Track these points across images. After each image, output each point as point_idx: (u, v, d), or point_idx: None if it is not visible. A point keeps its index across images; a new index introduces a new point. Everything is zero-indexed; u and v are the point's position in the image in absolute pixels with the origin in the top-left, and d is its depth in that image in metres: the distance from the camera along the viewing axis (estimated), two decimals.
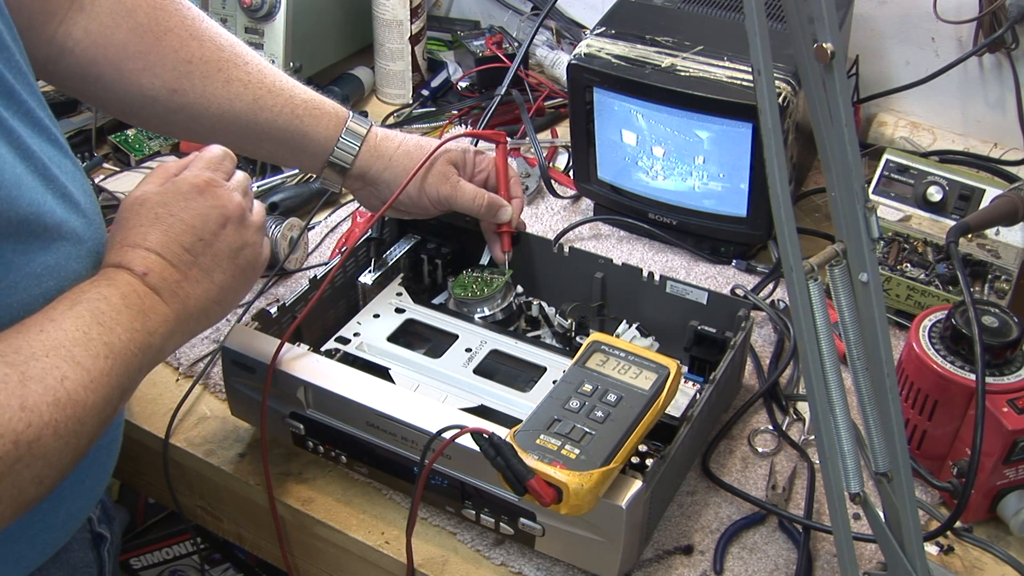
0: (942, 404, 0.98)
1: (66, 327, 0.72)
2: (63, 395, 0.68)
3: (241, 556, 1.55)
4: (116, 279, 0.77)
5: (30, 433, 0.66)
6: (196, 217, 0.83)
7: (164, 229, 0.81)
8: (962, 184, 1.15)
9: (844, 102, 0.68)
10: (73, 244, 0.78)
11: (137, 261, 0.79)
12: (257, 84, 1.02)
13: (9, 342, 0.69)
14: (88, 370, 0.71)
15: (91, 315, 0.73)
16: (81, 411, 0.70)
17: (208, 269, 0.83)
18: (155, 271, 0.79)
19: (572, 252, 1.15)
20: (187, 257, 0.81)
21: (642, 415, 0.88)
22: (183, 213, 0.82)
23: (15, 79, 0.77)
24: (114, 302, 0.75)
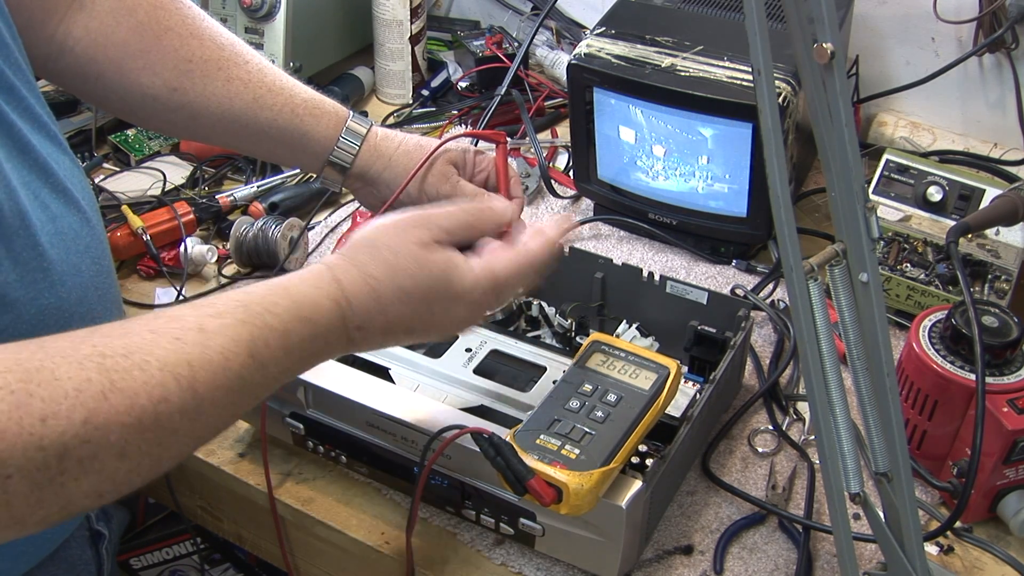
0: (942, 404, 0.98)
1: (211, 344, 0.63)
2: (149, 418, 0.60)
3: (241, 556, 1.55)
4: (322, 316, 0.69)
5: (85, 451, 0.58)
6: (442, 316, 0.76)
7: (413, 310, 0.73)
8: (962, 184, 1.15)
9: (844, 102, 0.68)
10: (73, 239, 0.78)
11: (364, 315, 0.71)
12: (257, 83, 1.02)
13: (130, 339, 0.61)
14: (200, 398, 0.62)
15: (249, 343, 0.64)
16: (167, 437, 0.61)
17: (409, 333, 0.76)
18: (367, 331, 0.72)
19: (572, 252, 1.15)
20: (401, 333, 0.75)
21: (642, 415, 0.88)
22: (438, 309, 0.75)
23: (15, 76, 0.77)
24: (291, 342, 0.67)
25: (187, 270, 1.27)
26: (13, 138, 0.75)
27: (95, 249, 0.82)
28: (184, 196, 1.38)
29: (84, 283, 0.79)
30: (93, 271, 0.81)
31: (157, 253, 1.29)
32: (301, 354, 0.69)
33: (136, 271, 1.30)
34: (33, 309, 0.75)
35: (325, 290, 0.71)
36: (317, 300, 0.70)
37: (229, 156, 1.46)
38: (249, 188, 1.40)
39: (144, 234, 1.28)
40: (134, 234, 1.29)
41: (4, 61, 0.77)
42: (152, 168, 1.46)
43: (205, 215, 1.35)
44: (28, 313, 0.74)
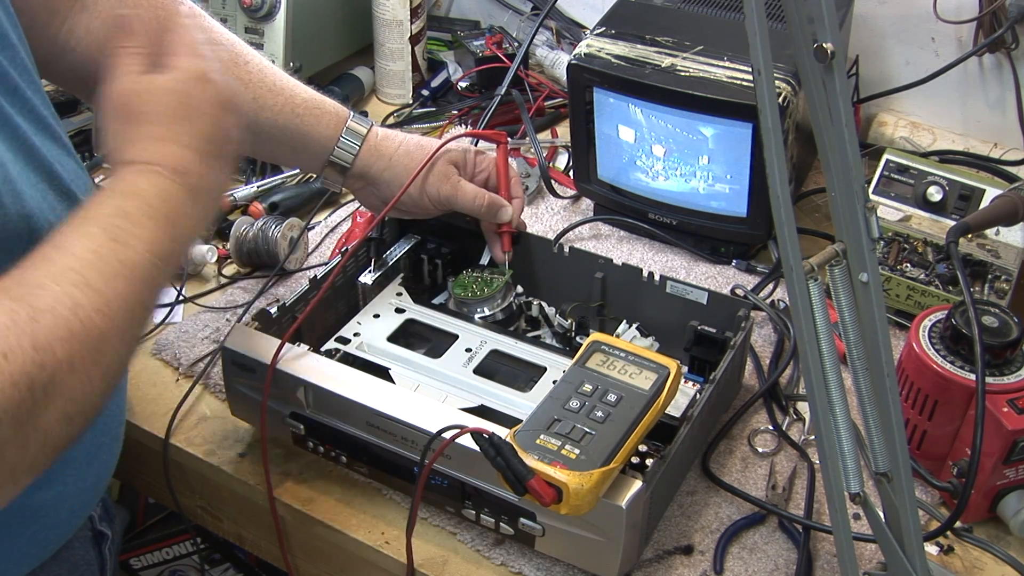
0: (942, 404, 0.98)
1: (76, 250, 0.67)
2: (76, 325, 0.64)
3: (241, 556, 1.55)
4: (140, 185, 0.72)
5: (44, 375, 0.62)
6: (216, 107, 0.78)
7: (194, 121, 0.76)
8: (962, 184, 1.15)
9: (844, 102, 0.68)
10: None
11: (172, 158, 0.73)
12: (258, 83, 1.02)
13: (12, 276, 0.65)
14: (102, 293, 0.66)
15: (104, 233, 0.68)
16: (98, 339, 0.65)
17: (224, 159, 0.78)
18: (191, 170, 0.74)
19: (572, 252, 1.15)
20: (211, 148, 0.77)
21: (642, 415, 0.88)
22: (202, 102, 0.77)
23: (20, 77, 0.77)
24: (135, 216, 0.70)
25: (187, 270, 1.27)
26: (19, 141, 0.75)
27: None
28: None
29: None
30: None
31: None
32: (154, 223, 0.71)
33: None
34: None
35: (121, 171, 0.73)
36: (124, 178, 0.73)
37: None
38: (249, 188, 1.40)
39: None
40: None
41: (9, 63, 0.77)
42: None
43: None
44: None
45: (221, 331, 1.20)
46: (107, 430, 0.87)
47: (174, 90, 0.77)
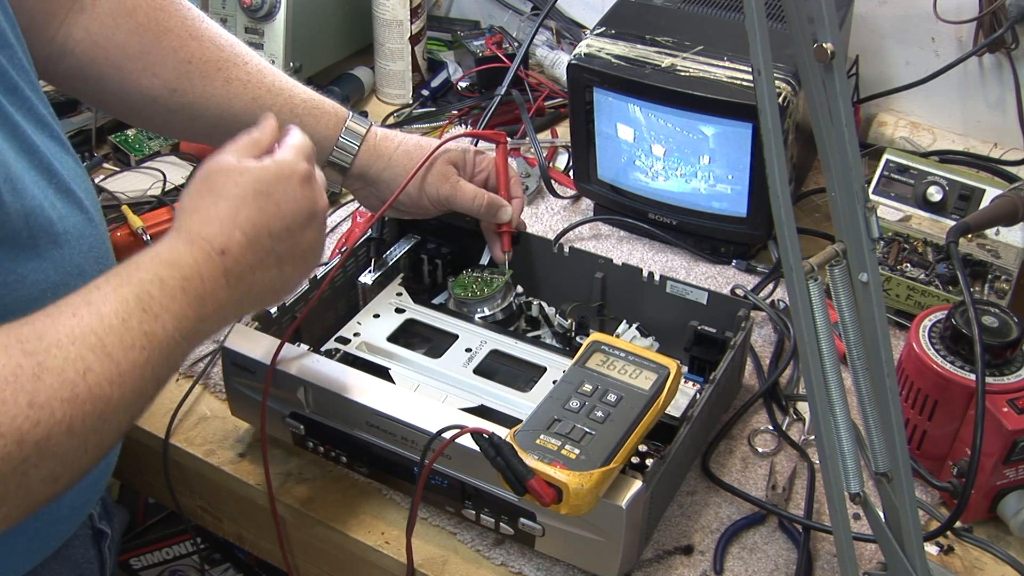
0: (942, 404, 0.98)
1: (104, 312, 0.66)
2: (83, 390, 0.63)
3: (241, 556, 1.55)
4: (183, 256, 0.72)
5: (38, 432, 0.61)
6: (292, 205, 0.79)
7: (259, 208, 0.77)
8: (962, 184, 1.15)
9: (844, 102, 0.68)
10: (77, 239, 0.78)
11: (220, 236, 0.74)
12: (257, 84, 1.02)
13: (34, 326, 0.65)
14: (118, 362, 0.65)
15: (136, 300, 0.68)
16: (103, 407, 0.65)
17: (282, 259, 0.79)
18: (234, 252, 0.75)
19: (572, 252, 1.15)
20: (268, 244, 0.77)
21: (642, 415, 0.88)
22: (282, 199, 0.79)
23: (18, 75, 0.78)
24: (170, 286, 0.70)
25: None
26: (19, 139, 0.76)
27: (98, 249, 0.82)
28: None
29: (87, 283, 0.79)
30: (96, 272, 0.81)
31: None
32: (186, 297, 0.71)
33: None
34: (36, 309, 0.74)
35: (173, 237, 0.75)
36: (172, 245, 0.74)
37: None
38: None
39: (144, 234, 1.28)
40: (134, 234, 1.28)
41: (8, 61, 0.77)
42: (152, 168, 1.45)
43: None
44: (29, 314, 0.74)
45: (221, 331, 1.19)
46: None
47: (256, 177, 0.78)
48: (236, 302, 0.76)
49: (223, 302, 0.74)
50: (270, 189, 0.78)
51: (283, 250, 0.79)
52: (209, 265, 0.73)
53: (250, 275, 0.76)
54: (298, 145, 0.84)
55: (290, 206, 0.79)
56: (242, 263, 0.76)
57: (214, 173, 0.78)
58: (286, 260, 0.80)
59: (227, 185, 0.77)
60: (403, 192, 1.07)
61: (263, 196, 0.78)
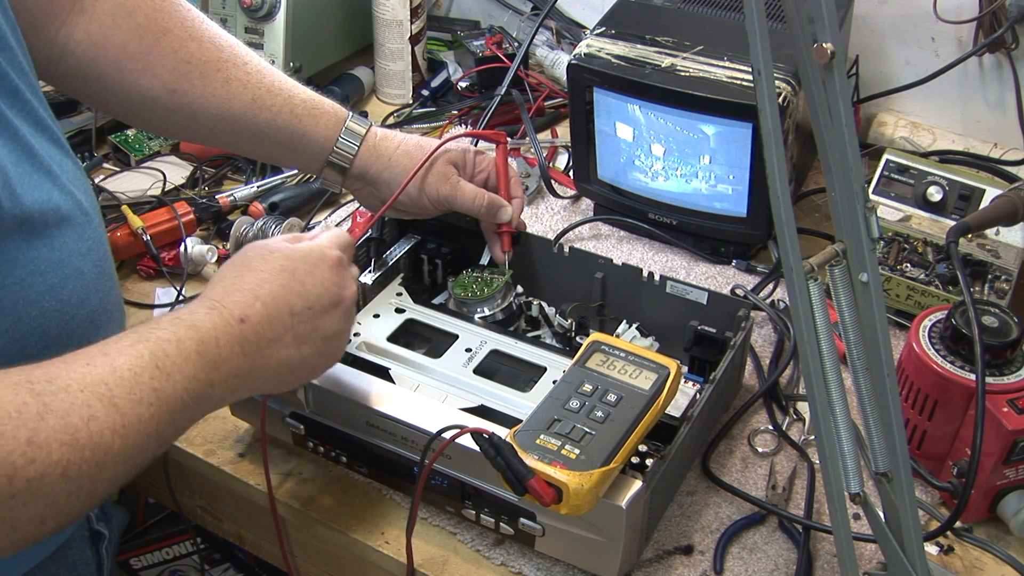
0: (942, 404, 0.98)
1: (117, 364, 0.68)
2: (84, 436, 0.64)
3: (241, 556, 1.55)
4: (203, 321, 0.74)
5: (31, 470, 0.61)
6: (316, 287, 0.82)
7: (283, 285, 0.80)
8: (962, 184, 1.15)
9: (844, 102, 0.68)
10: (75, 241, 0.78)
11: (240, 306, 0.77)
12: (256, 84, 1.02)
13: (47, 369, 0.66)
14: (124, 414, 0.66)
15: (151, 357, 0.70)
16: (103, 455, 0.65)
17: (301, 339, 0.81)
18: (253, 322, 0.77)
19: (572, 252, 1.15)
20: (288, 320, 0.80)
21: (642, 415, 0.88)
22: (306, 278, 0.82)
23: (19, 79, 0.78)
24: (186, 347, 0.72)
25: (187, 270, 1.27)
26: (18, 142, 0.76)
27: (97, 252, 0.82)
28: (184, 196, 1.38)
29: (86, 286, 0.80)
30: (95, 274, 0.81)
31: (157, 253, 1.29)
32: (200, 360, 0.73)
33: (136, 271, 1.30)
34: (34, 311, 0.75)
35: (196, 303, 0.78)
36: (193, 310, 0.76)
37: (229, 156, 1.46)
38: (249, 188, 1.40)
39: (144, 234, 1.28)
40: (134, 234, 1.29)
41: (8, 64, 0.77)
42: (152, 168, 1.46)
43: (205, 215, 1.35)
44: (29, 316, 0.74)
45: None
46: None
47: (286, 255, 0.82)
48: (249, 373, 0.78)
49: (236, 370, 0.76)
50: (296, 267, 0.82)
51: (303, 330, 0.81)
52: (227, 332, 0.75)
53: (266, 348, 0.78)
54: (334, 234, 0.89)
55: (315, 288, 0.82)
56: (260, 334, 0.78)
57: (250, 250, 0.83)
58: (305, 341, 0.82)
59: (257, 260, 0.81)
60: (403, 192, 1.07)
61: (288, 273, 0.81)
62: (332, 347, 0.85)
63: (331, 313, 0.84)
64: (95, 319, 0.81)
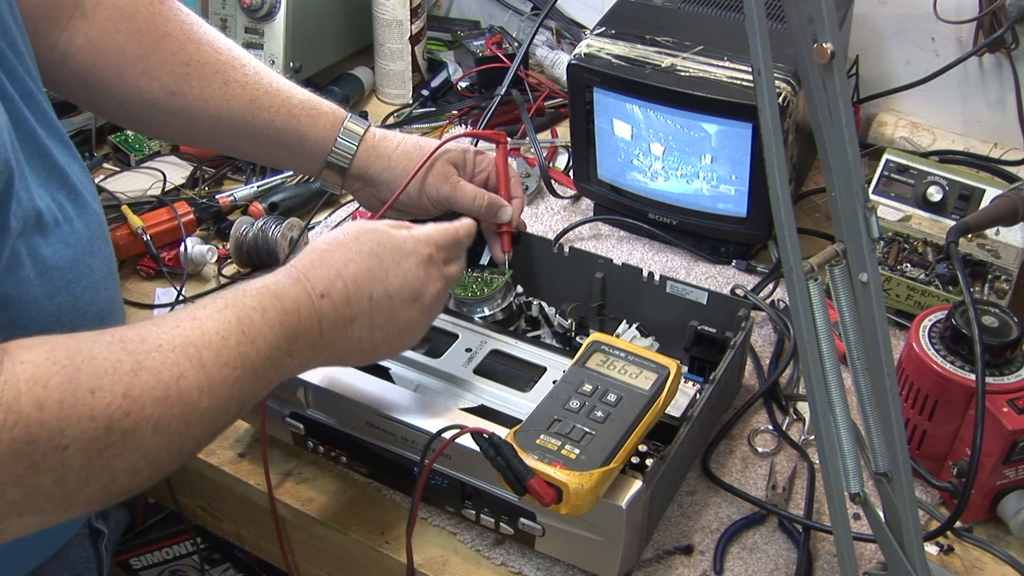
0: (942, 404, 0.98)
1: (206, 327, 0.71)
2: (174, 393, 0.67)
3: (241, 556, 1.55)
4: (287, 291, 0.77)
5: (127, 423, 0.64)
6: (399, 278, 0.84)
7: (368, 269, 0.82)
8: (962, 184, 1.15)
9: (844, 102, 0.68)
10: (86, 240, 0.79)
11: (323, 281, 0.80)
12: (254, 86, 1.02)
13: (138, 331, 0.69)
14: (211, 375, 0.69)
15: (238, 322, 0.73)
16: (190, 413, 0.68)
17: (376, 326, 0.83)
18: (333, 299, 0.80)
19: (572, 252, 1.15)
20: (366, 305, 0.82)
21: (642, 415, 0.88)
22: (392, 267, 0.84)
23: (31, 82, 0.78)
24: (270, 316, 0.75)
25: (187, 270, 1.27)
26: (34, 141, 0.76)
27: (104, 251, 0.83)
28: (184, 196, 1.38)
29: (95, 283, 0.81)
30: (103, 272, 0.82)
31: (157, 253, 1.29)
32: (283, 329, 0.76)
33: (136, 271, 1.30)
34: (52, 307, 0.76)
35: (284, 272, 0.81)
36: (279, 280, 0.79)
37: (229, 156, 1.46)
38: (249, 188, 1.40)
39: (144, 234, 1.28)
40: (134, 234, 1.29)
41: (22, 67, 0.78)
42: (152, 168, 1.46)
43: (205, 215, 1.35)
44: (47, 310, 0.76)
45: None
46: None
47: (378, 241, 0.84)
48: (324, 347, 0.80)
49: (312, 343, 0.79)
50: (385, 255, 0.84)
51: (379, 318, 0.83)
52: (308, 305, 0.78)
53: (342, 327, 0.81)
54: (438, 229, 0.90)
55: (398, 279, 0.84)
56: (338, 312, 0.80)
57: (349, 227, 0.85)
58: (379, 328, 0.84)
59: (351, 239, 0.84)
60: (403, 192, 1.07)
61: (376, 259, 0.83)
62: (405, 339, 0.87)
63: (409, 307, 0.85)
64: (103, 318, 0.82)
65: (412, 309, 0.86)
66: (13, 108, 0.74)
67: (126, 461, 0.65)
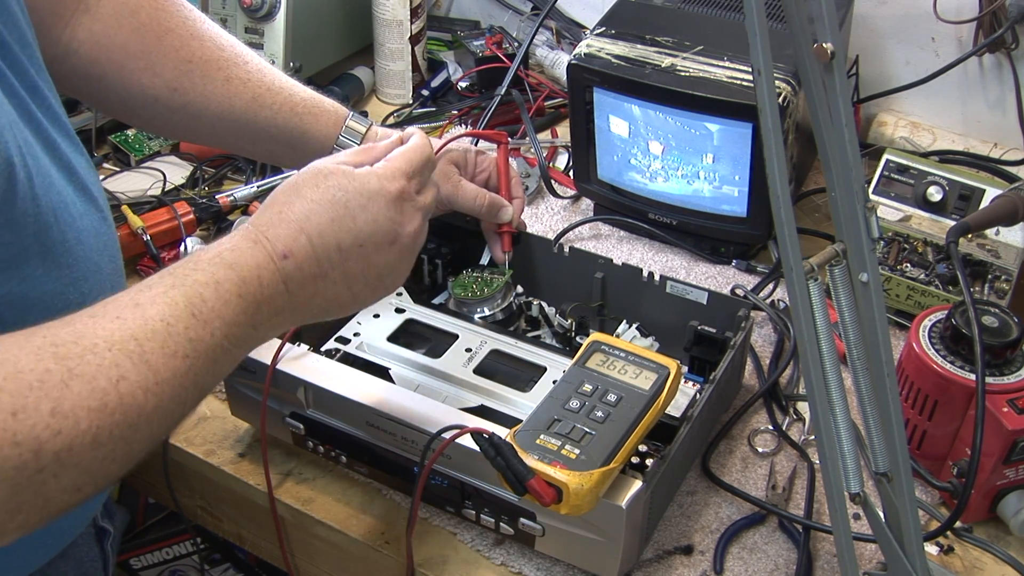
0: (942, 404, 0.98)
1: (149, 315, 0.64)
2: (113, 399, 0.60)
3: (241, 556, 1.55)
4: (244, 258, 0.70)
5: (58, 442, 0.58)
6: (370, 223, 0.75)
7: (332, 219, 0.74)
8: (962, 184, 1.15)
9: (844, 102, 0.68)
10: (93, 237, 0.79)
11: (284, 240, 0.72)
12: (257, 82, 1.02)
13: (74, 327, 0.62)
14: (156, 371, 0.63)
15: (186, 304, 0.65)
16: (135, 417, 0.61)
17: (351, 277, 0.76)
18: (297, 258, 0.72)
19: (572, 252, 1.15)
20: (336, 257, 0.74)
21: (642, 415, 0.88)
22: (360, 212, 0.75)
23: (38, 76, 0.78)
24: (225, 289, 0.67)
25: None
26: (44, 138, 0.76)
27: (111, 247, 0.83)
28: (184, 196, 1.38)
29: (103, 280, 0.80)
30: (110, 269, 0.82)
31: (157, 253, 1.29)
32: (241, 302, 0.68)
33: (136, 271, 1.30)
34: (60, 304, 0.75)
35: (242, 234, 0.72)
36: (236, 244, 0.71)
37: (229, 156, 1.46)
38: (249, 188, 1.40)
39: (144, 234, 1.28)
40: (134, 234, 1.29)
41: (29, 61, 0.78)
42: (152, 168, 1.46)
43: (205, 215, 1.35)
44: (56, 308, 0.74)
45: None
46: None
47: (339, 185, 0.75)
48: (293, 310, 0.73)
49: (278, 308, 0.72)
50: (350, 200, 0.75)
51: (353, 268, 0.76)
52: (270, 269, 0.71)
53: (311, 285, 0.73)
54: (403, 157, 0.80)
55: (368, 226, 0.75)
56: (304, 271, 0.73)
57: (306, 171, 0.76)
58: (355, 279, 0.76)
59: (309, 186, 0.75)
60: None
61: (341, 207, 0.74)
62: (388, 283, 0.79)
63: (386, 250, 0.77)
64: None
65: (390, 252, 0.77)
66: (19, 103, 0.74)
67: (63, 482, 0.59)
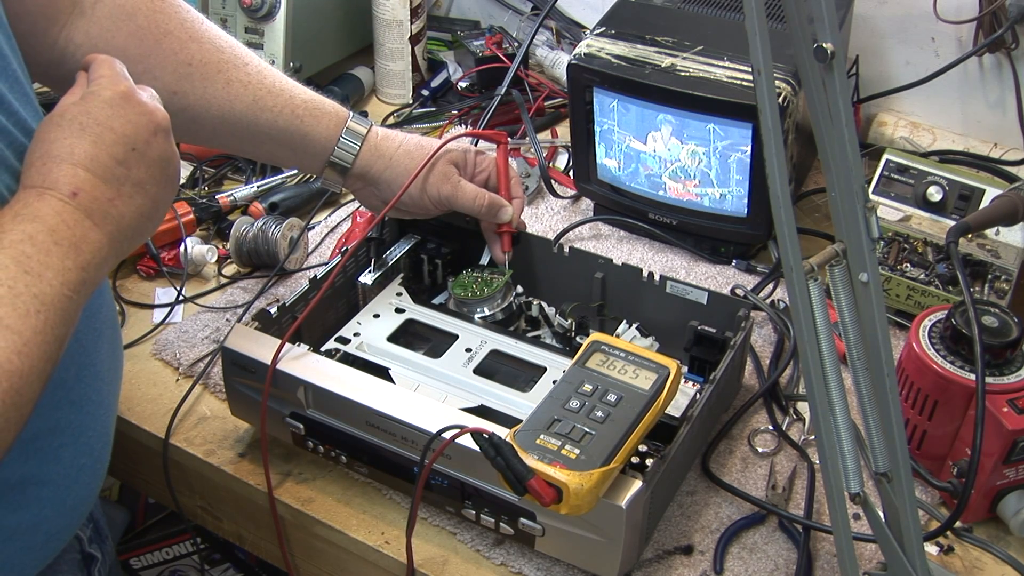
0: (942, 404, 0.98)
1: None
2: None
3: (241, 556, 1.56)
4: (40, 209, 0.69)
5: None
6: (127, 125, 0.74)
7: (92, 140, 0.72)
8: (962, 184, 1.15)
9: (844, 102, 0.68)
10: None
11: (64, 180, 0.70)
12: (257, 85, 1.02)
13: None
14: (20, 332, 0.64)
15: (15, 264, 0.65)
16: (16, 380, 0.63)
17: (141, 183, 0.74)
18: (85, 190, 0.71)
19: (572, 252, 1.15)
20: (120, 171, 0.73)
21: (642, 415, 0.88)
22: (112, 121, 0.74)
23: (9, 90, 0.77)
24: (41, 241, 0.67)
25: (187, 270, 1.27)
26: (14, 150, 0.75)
27: None
28: (184, 196, 1.38)
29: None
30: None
31: (157, 253, 1.29)
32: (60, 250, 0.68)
33: (136, 271, 1.30)
34: None
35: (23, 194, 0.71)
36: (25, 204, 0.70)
37: (229, 156, 1.46)
38: (249, 188, 1.40)
39: None
40: None
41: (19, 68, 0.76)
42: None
43: (205, 215, 1.35)
44: None
45: (221, 331, 1.20)
46: (88, 451, 0.84)
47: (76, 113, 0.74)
48: (111, 240, 0.73)
49: (98, 244, 0.71)
50: (99, 117, 0.74)
51: (138, 173, 0.75)
52: (69, 210, 0.70)
53: (113, 208, 0.72)
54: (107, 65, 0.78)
55: (126, 127, 0.74)
56: (100, 199, 0.72)
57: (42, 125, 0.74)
58: (146, 182, 0.75)
59: (51, 129, 0.73)
60: (405, 192, 1.07)
61: (94, 126, 0.73)
62: (171, 172, 0.78)
63: (153, 140, 0.76)
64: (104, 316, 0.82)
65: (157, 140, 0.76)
66: None
67: None
